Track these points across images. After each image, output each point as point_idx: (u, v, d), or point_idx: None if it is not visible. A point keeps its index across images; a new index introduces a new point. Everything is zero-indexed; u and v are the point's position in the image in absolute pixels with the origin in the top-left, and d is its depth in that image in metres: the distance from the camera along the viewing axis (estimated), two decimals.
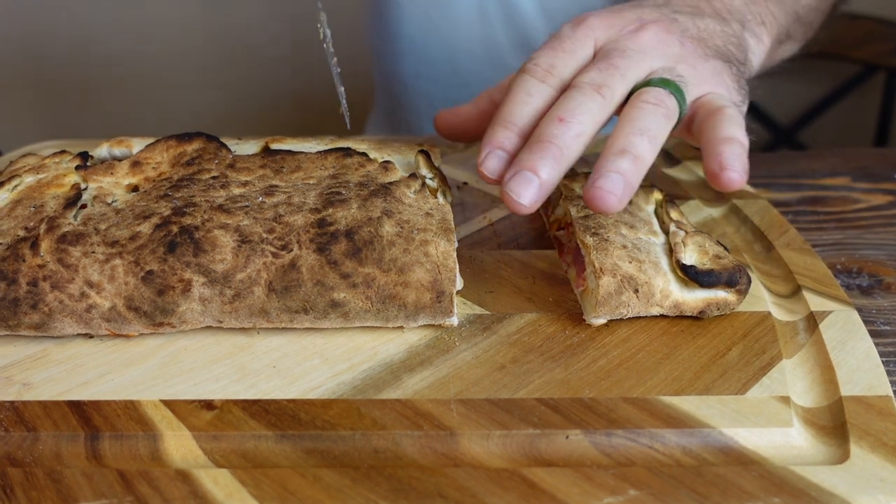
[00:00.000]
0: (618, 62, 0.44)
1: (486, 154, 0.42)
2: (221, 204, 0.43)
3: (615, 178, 0.39)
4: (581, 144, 0.41)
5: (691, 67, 0.46)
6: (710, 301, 0.42)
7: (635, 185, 0.40)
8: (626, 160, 0.40)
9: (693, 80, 0.45)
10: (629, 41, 0.46)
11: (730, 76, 0.47)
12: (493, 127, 0.43)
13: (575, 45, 0.46)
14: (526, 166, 0.40)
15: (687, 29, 0.48)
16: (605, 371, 0.39)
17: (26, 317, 0.40)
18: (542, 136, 0.41)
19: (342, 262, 0.40)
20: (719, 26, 0.50)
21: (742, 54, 0.50)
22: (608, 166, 0.39)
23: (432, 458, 0.34)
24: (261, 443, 0.35)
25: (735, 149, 0.41)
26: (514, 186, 0.40)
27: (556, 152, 0.40)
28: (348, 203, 0.43)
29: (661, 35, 0.47)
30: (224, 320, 0.41)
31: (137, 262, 0.40)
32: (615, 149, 0.40)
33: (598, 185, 0.39)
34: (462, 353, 0.40)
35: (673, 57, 0.46)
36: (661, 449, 0.35)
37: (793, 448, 0.35)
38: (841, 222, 0.58)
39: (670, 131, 0.43)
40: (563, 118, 0.41)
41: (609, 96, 0.43)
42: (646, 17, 0.48)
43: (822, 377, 0.38)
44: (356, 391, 0.37)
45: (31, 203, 0.44)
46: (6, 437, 0.35)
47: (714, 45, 0.48)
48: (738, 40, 0.50)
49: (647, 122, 0.41)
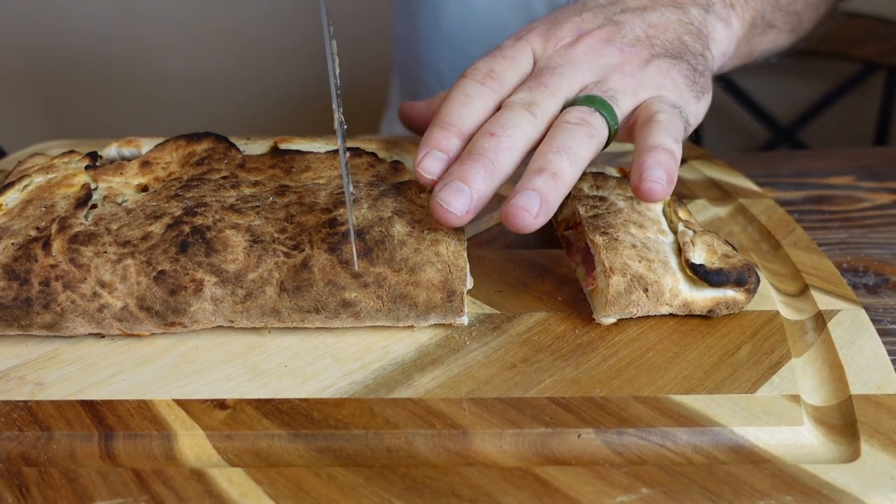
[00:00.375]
0: (547, 80, 0.44)
1: (424, 155, 0.42)
2: (233, 204, 0.43)
3: (531, 195, 0.39)
4: (513, 158, 0.41)
5: (628, 76, 0.45)
6: (720, 300, 0.42)
7: (553, 203, 0.40)
8: (542, 178, 0.40)
9: (628, 89, 0.45)
10: (561, 56, 0.46)
11: (678, 73, 0.46)
12: (431, 128, 0.43)
13: (515, 53, 0.47)
14: (457, 177, 0.40)
15: (630, 31, 0.47)
16: (616, 370, 0.39)
17: (38, 316, 0.40)
18: (473, 150, 0.41)
19: (353, 263, 0.40)
20: (675, 15, 0.49)
21: (700, 43, 0.49)
22: (525, 184, 0.40)
23: (445, 457, 0.35)
24: (274, 442, 0.35)
25: (659, 157, 0.41)
26: (445, 195, 0.40)
27: (488, 164, 0.40)
28: (359, 203, 0.43)
29: (597, 46, 0.46)
30: (235, 320, 0.41)
31: (149, 262, 0.41)
32: (533, 168, 0.40)
33: (513, 203, 0.39)
34: (473, 353, 0.40)
35: (608, 68, 0.46)
36: (673, 447, 0.35)
37: (803, 446, 0.35)
38: (846, 221, 0.59)
39: (599, 147, 0.43)
40: (494, 132, 0.41)
41: (539, 114, 0.43)
42: (585, 26, 0.48)
43: (832, 376, 0.39)
44: (368, 390, 0.38)
45: (42, 203, 0.44)
46: (20, 437, 0.35)
47: (663, 42, 0.47)
48: (696, 28, 0.49)
49: (567, 141, 0.41)
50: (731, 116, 1.84)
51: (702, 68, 0.48)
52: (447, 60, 0.88)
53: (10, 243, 0.42)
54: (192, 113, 1.71)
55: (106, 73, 1.68)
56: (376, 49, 1.07)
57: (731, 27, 0.52)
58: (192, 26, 1.67)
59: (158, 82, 1.70)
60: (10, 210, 0.45)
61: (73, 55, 1.68)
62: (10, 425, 0.36)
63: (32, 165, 0.50)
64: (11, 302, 0.40)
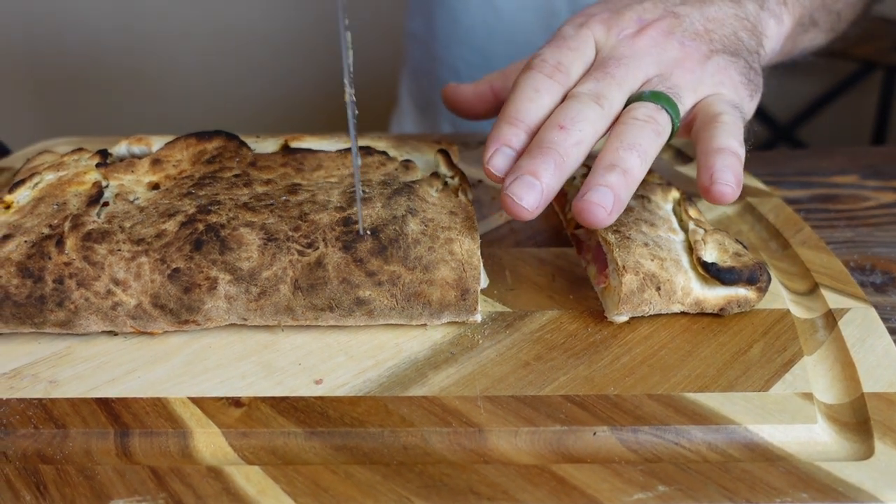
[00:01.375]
0: (614, 71, 0.44)
1: (493, 152, 0.42)
2: (246, 202, 0.43)
3: (604, 191, 0.39)
4: (581, 152, 0.41)
5: (689, 72, 0.46)
6: (731, 298, 0.43)
7: (625, 199, 0.40)
8: (615, 174, 0.40)
9: (690, 86, 0.45)
10: (626, 47, 0.46)
11: (736, 70, 0.47)
12: (500, 123, 0.43)
13: (579, 44, 0.46)
14: (528, 170, 0.40)
15: (690, 24, 0.47)
16: (629, 368, 0.39)
17: (52, 314, 0.40)
18: (542, 143, 0.41)
19: (368, 260, 0.40)
20: (731, 9, 0.49)
21: (755, 40, 0.49)
22: (598, 180, 0.40)
23: (461, 455, 0.35)
24: (290, 440, 0.35)
25: (727, 160, 0.41)
26: (516, 190, 0.40)
27: (558, 158, 0.40)
28: (372, 201, 0.43)
29: (659, 38, 0.46)
30: (249, 318, 0.41)
31: (164, 260, 0.41)
32: (604, 163, 0.40)
33: (587, 199, 0.39)
34: (486, 351, 0.40)
35: (670, 62, 0.46)
36: (688, 445, 0.35)
37: (817, 444, 0.35)
38: (852, 220, 0.59)
39: (662, 145, 0.43)
40: (563, 126, 0.41)
41: (607, 107, 0.43)
42: (646, 16, 0.48)
43: (843, 374, 0.39)
44: (383, 388, 0.38)
45: (54, 201, 0.44)
46: (36, 435, 0.35)
47: (721, 37, 0.48)
48: (751, 25, 0.49)
49: (637, 138, 0.41)
50: None
51: (756, 66, 0.48)
52: (465, 58, 0.88)
53: (22, 241, 0.41)
54: (197, 110, 1.70)
55: (110, 70, 1.68)
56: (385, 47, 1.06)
57: (783, 24, 0.52)
58: (197, 23, 1.67)
59: (163, 79, 1.70)
60: (22, 208, 0.44)
61: (77, 52, 1.67)
62: (25, 423, 0.36)
63: (42, 163, 0.50)
64: (25, 300, 0.40)
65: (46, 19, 1.65)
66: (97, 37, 1.66)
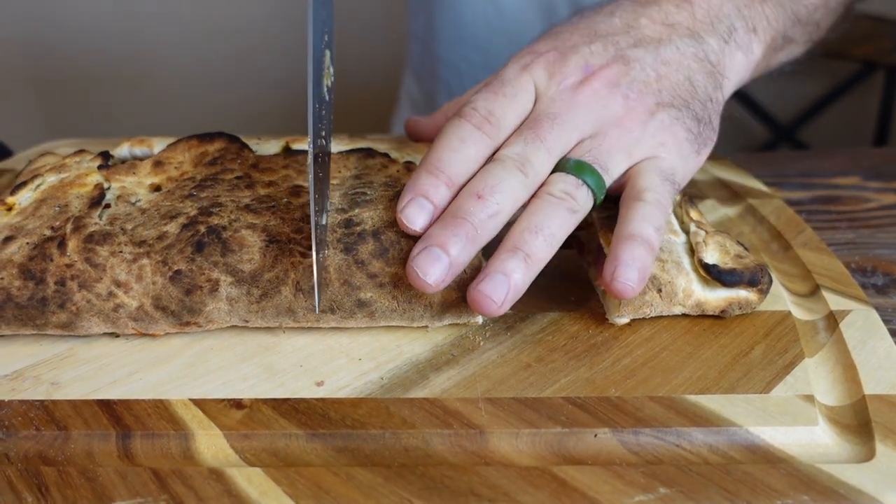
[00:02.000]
0: (545, 133, 0.42)
1: (409, 201, 0.40)
2: (248, 204, 0.43)
3: (499, 281, 0.38)
4: (497, 224, 0.40)
5: (627, 132, 0.43)
6: (732, 300, 0.43)
7: (522, 287, 0.39)
8: (515, 260, 0.38)
9: (625, 148, 0.43)
10: (564, 101, 0.43)
11: (682, 126, 0.45)
12: (419, 171, 0.40)
13: (516, 91, 0.44)
14: (437, 242, 0.38)
15: (640, 72, 0.45)
16: (630, 370, 0.39)
17: (54, 316, 0.40)
18: (457, 212, 0.39)
19: (369, 262, 0.40)
20: (691, 48, 0.46)
21: (712, 83, 0.47)
22: (496, 266, 0.38)
23: (463, 457, 0.35)
24: (292, 441, 0.35)
25: (635, 251, 0.39)
26: (421, 262, 0.38)
27: (470, 231, 0.38)
28: (374, 203, 0.43)
29: (602, 92, 0.44)
30: (250, 320, 0.41)
31: (165, 262, 0.41)
32: (508, 245, 0.39)
33: (479, 289, 0.38)
34: (487, 352, 0.40)
35: (609, 120, 0.43)
36: (689, 447, 0.35)
37: (818, 446, 0.35)
38: (853, 221, 0.59)
39: (579, 220, 0.41)
40: (481, 195, 0.39)
41: (531, 175, 0.41)
42: (593, 60, 0.45)
43: (845, 376, 0.39)
44: (384, 390, 0.38)
45: (56, 202, 0.44)
46: (38, 437, 0.35)
47: (672, 86, 0.45)
48: (711, 66, 0.47)
49: (546, 219, 0.40)
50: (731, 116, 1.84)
51: (708, 116, 0.46)
52: (467, 57, 0.87)
53: (24, 243, 0.42)
54: (199, 111, 1.71)
55: (112, 71, 1.68)
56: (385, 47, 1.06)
57: (752, 54, 0.50)
58: (200, 25, 1.67)
59: (165, 80, 1.70)
60: (24, 209, 0.45)
61: (79, 53, 1.68)
62: (27, 424, 0.36)
63: (44, 165, 0.50)
64: (27, 301, 0.40)
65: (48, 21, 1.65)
66: (99, 38, 1.66)
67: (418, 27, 0.92)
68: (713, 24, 0.48)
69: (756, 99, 1.76)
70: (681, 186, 0.45)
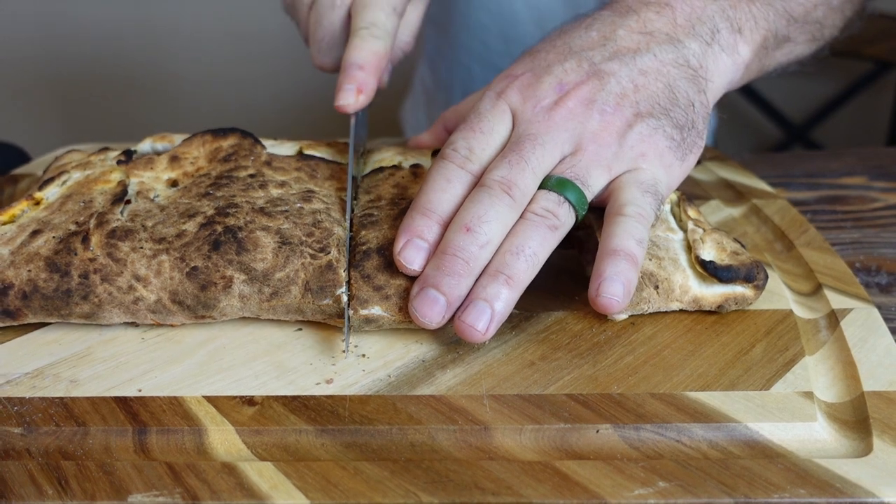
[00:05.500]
0: (528, 154, 0.42)
1: (405, 243, 0.41)
2: (262, 206, 0.45)
3: (482, 308, 0.39)
4: (489, 252, 0.41)
5: (605, 147, 0.44)
6: (729, 296, 0.43)
7: (506, 311, 0.40)
8: (497, 284, 0.39)
9: (604, 163, 0.44)
10: (541, 123, 0.44)
11: (663, 135, 0.45)
12: (412, 213, 0.42)
13: (493, 124, 0.45)
14: (431, 283, 0.40)
15: (615, 85, 0.45)
16: (633, 368, 0.40)
17: (77, 307, 0.42)
18: (448, 248, 0.40)
19: (374, 276, 0.42)
20: (671, 55, 0.46)
21: (694, 87, 0.46)
22: (477, 292, 0.39)
23: (467, 452, 0.36)
24: (301, 437, 0.36)
25: (619, 265, 0.40)
26: (420, 306, 0.40)
27: (462, 267, 0.40)
28: (379, 224, 0.45)
29: (577, 110, 0.44)
30: (262, 316, 0.43)
31: (183, 259, 0.42)
32: (490, 270, 0.40)
33: (462, 319, 0.39)
34: (492, 351, 0.41)
35: (587, 136, 0.44)
36: (689, 442, 0.36)
37: (816, 442, 0.36)
38: (859, 221, 0.59)
39: (561, 237, 0.42)
40: (469, 227, 0.40)
41: (518, 196, 0.41)
42: (567, 78, 0.45)
43: (844, 373, 0.39)
44: (391, 387, 0.39)
45: (81, 198, 0.46)
46: (57, 432, 0.37)
47: (650, 95, 0.45)
48: (692, 70, 0.47)
49: (527, 240, 0.40)
50: (744, 115, 1.84)
51: (690, 122, 0.46)
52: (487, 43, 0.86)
53: (51, 237, 0.43)
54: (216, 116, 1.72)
55: (129, 77, 1.70)
56: None
57: (738, 55, 0.49)
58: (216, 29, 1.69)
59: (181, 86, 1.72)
60: (51, 204, 0.46)
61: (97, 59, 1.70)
62: (47, 421, 0.37)
63: (70, 161, 0.52)
64: (53, 293, 0.42)
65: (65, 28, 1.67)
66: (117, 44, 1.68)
67: (436, 12, 0.91)
68: (694, 28, 0.48)
69: (769, 99, 1.76)
70: (665, 196, 0.45)
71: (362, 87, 0.51)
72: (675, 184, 0.46)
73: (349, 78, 0.51)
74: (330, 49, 0.55)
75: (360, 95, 0.51)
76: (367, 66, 0.51)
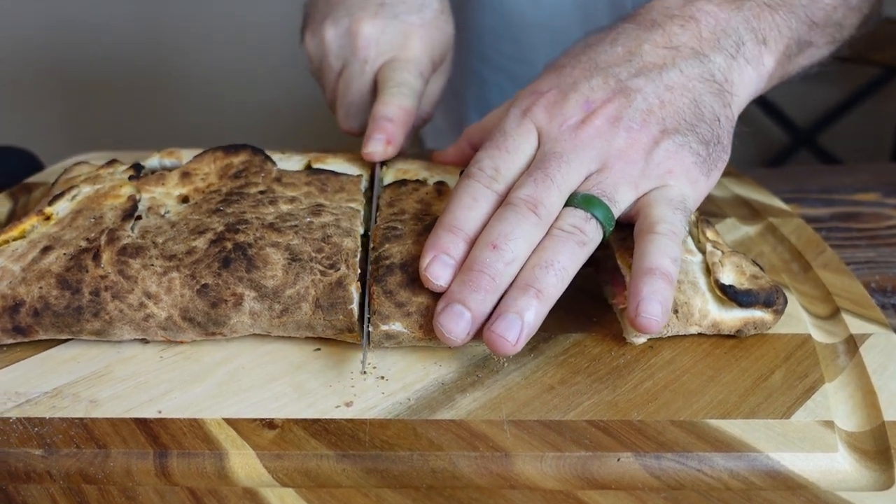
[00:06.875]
0: (553, 172, 0.43)
1: (431, 259, 0.41)
2: (272, 222, 0.45)
3: (512, 320, 0.39)
4: (514, 269, 0.41)
5: (632, 164, 0.44)
6: (748, 320, 0.43)
7: (536, 324, 0.39)
8: (526, 297, 0.39)
9: (631, 181, 0.44)
10: (567, 141, 0.44)
11: (689, 151, 0.45)
12: (438, 231, 0.42)
13: (518, 143, 0.45)
14: (457, 298, 0.40)
15: (641, 102, 0.45)
16: (652, 393, 0.40)
17: (88, 323, 0.42)
18: (474, 265, 0.40)
19: (397, 292, 0.42)
20: (696, 69, 0.46)
21: (720, 101, 0.46)
22: (510, 304, 0.39)
23: (488, 479, 0.36)
24: (323, 462, 0.36)
25: (655, 284, 0.40)
26: (445, 321, 0.39)
27: (488, 283, 0.40)
28: (403, 238, 0.44)
29: (604, 128, 0.44)
30: (272, 332, 0.43)
31: (193, 276, 0.42)
32: (521, 283, 0.40)
33: (493, 329, 0.39)
34: (511, 374, 0.41)
35: (613, 154, 0.44)
36: (710, 472, 0.36)
37: (838, 473, 0.36)
38: (873, 239, 0.59)
39: (589, 253, 0.42)
40: (496, 245, 0.40)
41: (544, 214, 0.42)
42: (594, 96, 0.45)
43: (864, 401, 0.39)
44: (411, 411, 0.39)
45: (91, 214, 0.46)
46: (78, 454, 0.37)
47: (676, 111, 0.45)
48: (718, 85, 0.46)
49: (556, 254, 0.41)
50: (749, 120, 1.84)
51: (716, 137, 0.46)
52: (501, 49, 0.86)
53: (62, 253, 0.43)
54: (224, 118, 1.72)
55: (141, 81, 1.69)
56: None
57: (763, 67, 0.49)
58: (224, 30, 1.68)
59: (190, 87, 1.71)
60: (61, 220, 0.46)
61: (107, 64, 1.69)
62: (68, 442, 0.37)
63: (78, 174, 0.52)
64: (64, 310, 0.42)
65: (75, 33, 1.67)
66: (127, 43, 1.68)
67: None
68: (719, 41, 0.47)
69: (776, 104, 1.75)
70: (692, 211, 0.45)
71: (391, 138, 0.52)
72: (700, 199, 0.46)
73: (379, 129, 0.53)
74: (358, 113, 0.58)
75: (388, 146, 0.52)
76: (396, 119, 0.53)
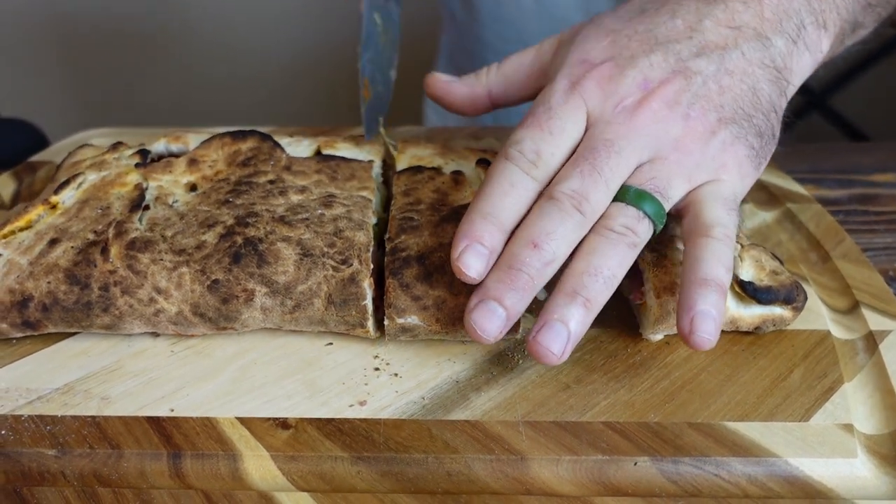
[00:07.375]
0: (602, 164, 0.40)
1: (465, 247, 0.39)
2: (283, 215, 0.44)
3: (558, 330, 0.37)
4: (552, 270, 0.39)
5: (688, 155, 0.41)
6: (767, 317, 0.43)
7: (580, 334, 0.38)
8: (574, 306, 0.37)
9: (685, 173, 0.41)
10: (621, 125, 0.41)
11: (744, 144, 0.42)
12: (472, 216, 0.40)
13: (564, 123, 0.42)
14: (492, 295, 0.38)
15: (701, 86, 0.42)
16: (669, 393, 0.39)
17: (98, 318, 0.42)
18: (512, 262, 0.38)
19: (413, 286, 0.41)
20: (758, 54, 0.43)
21: (777, 89, 0.44)
22: (553, 311, 0.37)
23: (504, 483, 0.36)
24: (337, 464, 0.36)
25: (710, 297, 0.37)
26: (478, 318, 0.38)
27: (526, 282, 0.38)
28: (419, 230, 0.43)
29: (661, 112, 0.42)
30: (284, 326, 0.43)
31: (204, 271, 0.42)
32: (566, 289, 0.38)
33: (538, 340, 0.37)
34: (526, 372, 0.41)
35: (669, 143, 0.41)
36: (728, 478, 0.36)
37: (857, 479, 0.36)
38: (892, 224, 0.58)
39: (637, 254, 0.40)
40: (536, 243, 0.38)
41: (589, 213, 0.39)
42: (652, 75, 0.42)
43: (883, 402, 0.39)
44: (426, 411, 0.38)
45: (98, 204, 0.45)
46: (91, 454, 0.37)
47: (734, 98, 0.43)
48: (777, 72, 0.44)
49: (605, 259, 0.38)
50: None
51: (770, 129, 0.44)
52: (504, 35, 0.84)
53: (69, 246, 0.43)
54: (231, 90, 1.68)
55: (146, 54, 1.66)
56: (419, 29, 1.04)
57: (820, 53, 0.46)
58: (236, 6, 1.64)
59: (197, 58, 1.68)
60: (68, 210, 0.46)
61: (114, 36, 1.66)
62: (81, 442, 0.37)
63: (83, 159, 0.51)
64: (73, 305, 0.42)
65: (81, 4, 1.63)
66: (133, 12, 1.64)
67: (454, 6, 0.90)
68: (781, 23, 0.45)
69: None
70: (740, 206, 0.43)
71: None
72: (746, 193, 0.44)
73: None
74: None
75: None
76: None
